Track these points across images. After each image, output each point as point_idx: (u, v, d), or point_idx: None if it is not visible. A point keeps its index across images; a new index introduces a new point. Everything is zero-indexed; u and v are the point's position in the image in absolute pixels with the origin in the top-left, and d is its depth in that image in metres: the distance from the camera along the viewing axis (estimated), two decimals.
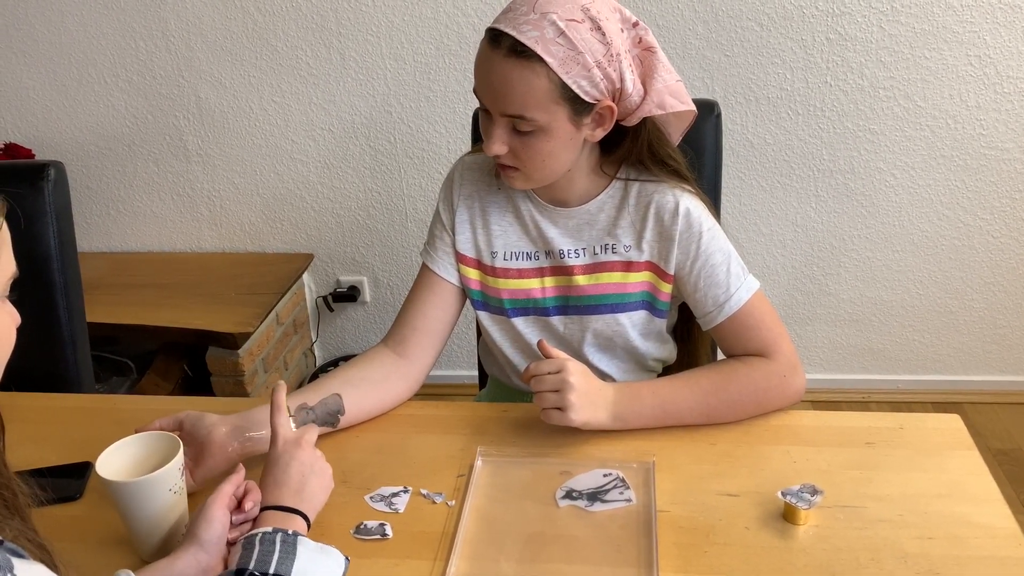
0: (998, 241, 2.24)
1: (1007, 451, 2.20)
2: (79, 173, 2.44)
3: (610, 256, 1.16)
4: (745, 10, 2.05)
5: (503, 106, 1.01)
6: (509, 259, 1.19)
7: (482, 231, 1.20)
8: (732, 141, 2.17)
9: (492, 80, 1.00)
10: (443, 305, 1.22)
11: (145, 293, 2.29)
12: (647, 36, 1.03)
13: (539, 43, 0.96)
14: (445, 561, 0.90)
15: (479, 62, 1.02)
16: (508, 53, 0.98)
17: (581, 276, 1.17)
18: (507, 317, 1.21)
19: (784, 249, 2.31)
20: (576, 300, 1.18)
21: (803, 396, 1.11)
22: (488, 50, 1.00)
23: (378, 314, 2.56)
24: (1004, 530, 0.91)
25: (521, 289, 1.19)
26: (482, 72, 1.02)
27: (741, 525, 0.93)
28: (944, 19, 2.01)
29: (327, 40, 2.21)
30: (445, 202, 1.23)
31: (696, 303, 1.14)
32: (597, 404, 1.04)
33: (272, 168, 2.38)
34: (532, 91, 0.99)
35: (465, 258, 1.21)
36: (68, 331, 1.38)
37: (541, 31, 0.96)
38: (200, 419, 1.03)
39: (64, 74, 2.34)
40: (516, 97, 0.99)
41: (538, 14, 0.97)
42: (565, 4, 0.97)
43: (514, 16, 0.98)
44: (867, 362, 2.44)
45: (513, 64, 0.98)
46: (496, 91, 1.01)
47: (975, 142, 2.13)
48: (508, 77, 0.99)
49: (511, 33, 0.97)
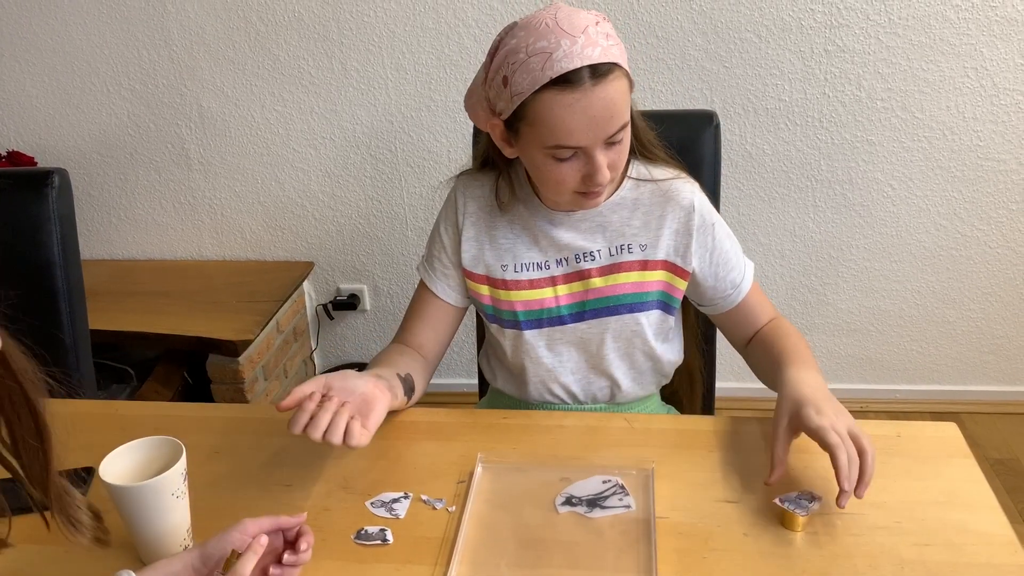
0: (995, 252, 2.25)
1: (1004, 461, 2.20)
2: (81, 181, 2.45)
3: (626, 256, 1.16)
4: (743, 22, 2.06)
5: (608, 128, 1.01)
6: (520, 271, 1.19)
7: (489, 247, 1.20)
8: (730, 152, 2.18)
9: (592, 113, 0.99)
10: (440, 321, 1.24)
11: (146, 300, 2.29)
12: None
13: (606, 53, 0.98)
14: (445, 567, 0.90)
15: (563, 110, 0.99)
16: (594, 81, 0.98)
17: (598, 278, 1.17)
18: (520, 330, 1.20)
19: (782, 259, 2.32)
20: (594, 303, 1.18)
21: None
22: (569, 94, 0.98)
23: (378, 322, 2.57)
24: (1000, 537, 0.91)
25: (535, 300, 1.19)
26: (575, 116, 0.99)
27: (740, 532, 0.94)
28: (941, 31, 2.02)
29: (329, 50, 2.22)
30: (447, 221, 1.22)
31: (715, 290, 1.19)
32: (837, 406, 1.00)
33: (273, 176, 2.39)
34: (624, 97, 1.01)
35: (474, 275, 1.21)
36: (71, 337, 1.39)
37: (597, 44, 0.98)
38: (346, 378, 1.01)
39: (67, 82, 2.35)
40: (618, 111, 1.01)
41: (580, 35, 0.97)
42: (579, 14, 1.00)
43: (563, 53, 0.97)
44: (865, 372, 2.45)
45: (604, 86, 0.98)
46: (599, 119, 1.00)
47: (972, 153, 2.14)
48: (607, 99, 0.99)
49: (592, 63, 0.97)
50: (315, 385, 0.97)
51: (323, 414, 0.93)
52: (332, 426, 0.92)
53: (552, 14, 0.99)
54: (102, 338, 2.09)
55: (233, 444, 1.13)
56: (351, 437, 0.93)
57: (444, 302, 1.23)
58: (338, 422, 0.93)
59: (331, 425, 0.92)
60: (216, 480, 1.06)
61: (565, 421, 1.15)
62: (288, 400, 0.95)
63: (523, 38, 0.99)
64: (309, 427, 0.92)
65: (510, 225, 1.19)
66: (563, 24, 0.98)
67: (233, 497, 1.03)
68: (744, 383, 2.50)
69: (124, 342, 2.27)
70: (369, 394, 1.00)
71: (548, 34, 0.98)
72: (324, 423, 0.92)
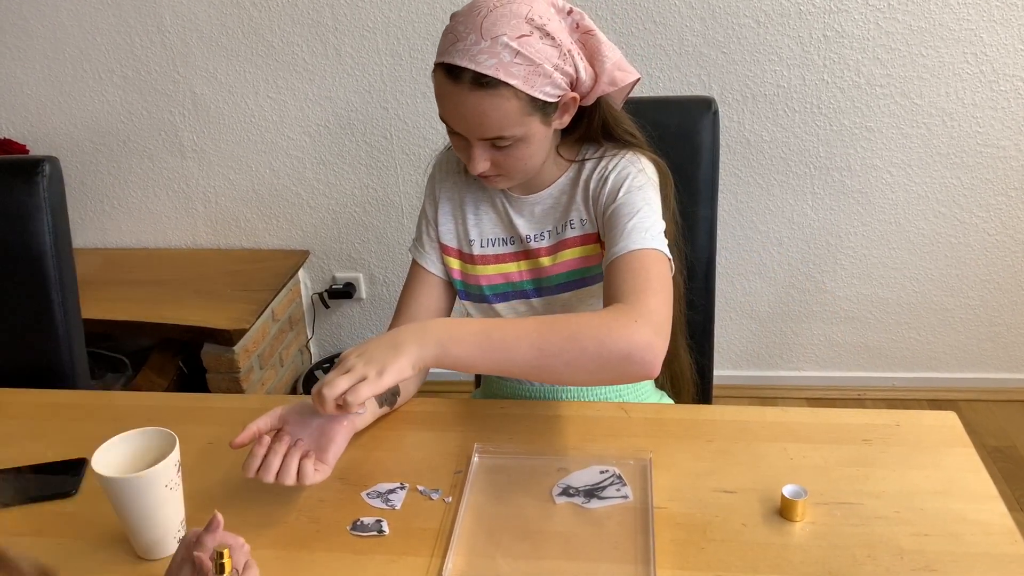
0: (994, 239, 2.24)
1: (1003, 448, 2.20)
2: (74, 169, 2.43)
3: (569, 233, 1.17)
4: (742, 7, 2.05)
5: (480, 133, 1.02)
6: (486, 246, 1.21)
7: (460, 221, 1.23)
8: (729, 138, 2.17)
9: (463, 112, 1.01)
10: (435, 298, 1.24)
11: (140, 289, 2.28)
12: (583, 20, 1.05)
13: (500, 69, 0.96)
14: (442, 558, 0.90)
15: (443, 95, 1.02)
16: (473, 86, 0.98)
17: (546, 258, 1.19)
18: (489, 304, 1.22)
19: (780, 247, 2.31)
20: (547, 281, 1.20)
21: (657, 358, 0.93)
22: (450, 84, 0.99)
23: (374, 311, 2.56)
24: (999, 527, 0.91)
25: (499, 274, 1.21)
26: (450, 105, 1.02)
27: (738, 522, 0.93)
28: (941, 16, 2.01)
29: (323, 36, 2.20)
30: (429, 197, 1.26)
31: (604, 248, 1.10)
32: (399, 345, 0.92)
33: (268, 164, 2.38)
34: (506, 114, 1.00)
35: (448, 248, 1.23)
36: (63, 327, 1.38)
37: (497, 57, 0.96)
38: (302, 406, 0.99)
39: (59, 69, 2.33)
40: (492, 123, 1.00)
41: (488, 40, 0.96)
42: (510, 21, 0.97)
43: (465, 47, 0.97)
44: (863, 359, 2.45)
45: (481, 96, 0.98)
46: (469, 121, 1.01)
47: (971, 139, 2.13)
48: (479, 108, 0.99)
49: (470, 67, 0.97)
50: (269, 420, 0.98)
51: (273, 458, 0.93)
52: (284, 468, 0.93)
53: (493, 5, 0.98)
54: (96, 327, 2.09)
55: (228, 435, 1.12)
56: (304, 477, 0.93)
57: (437, 277, 1.24)
58: (289, 464, 0.93)
59: (283, 467, 0.93)
60: (210, 471, 1.05)
61: (562, 411, 1.14)
62: (241, 437, 0.95)
63: (462, 11, 1.01)
64: (260, 471, 0.93)
65: (478, 201, 1.22)
66: (486, 20, 0.97)
67: (227, 488, 1.02)
68: (741, 371, 2.50)
69: (119, 331, 2.26)
70: (326, 426, 0.99)
71: (471, 21, 0.98)
72: (275, 466, 0.93)
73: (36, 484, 1.01)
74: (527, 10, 0.98)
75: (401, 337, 0.93)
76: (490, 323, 0.96)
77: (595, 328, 0.93)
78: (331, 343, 2.64)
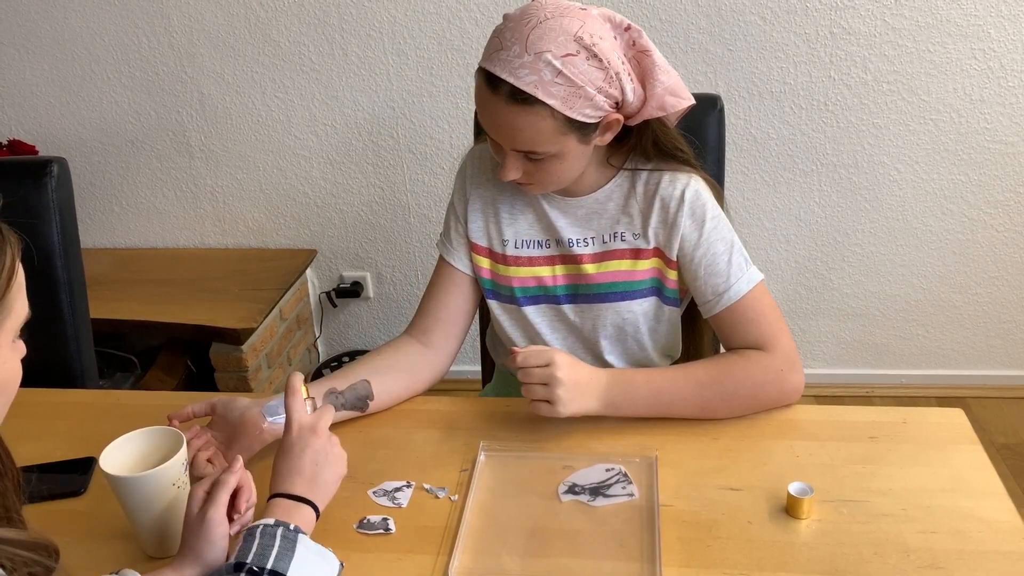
0: (1002, 235, 2.23)
1: (1011, 446, 2.19)
2: (82, 169, 2.44)
3: (618, 244, 1.16)
4: (748, 4, 2.04)
5: (512, 144, 1.02)
6: (520, 247, 1.19)
7: (493, 220, 1.20)
8: (735, 135, 2.17)
9: (498, 123, 1.01)
10: (462, 295, 1.23)
11: (148, 289, 2.29)
12: (640, 39, 1.02)
13: (539, 87, 0.95)
14: (448, 555, 0.90)
15: (481, 100, 1.01)
16: (509, 100, 0.97)
17: (590, 265, 1.17)
18: (518, 306, 1.21)
19: (787, 244, 2.30)
20: (586, 289, 1.18)
21: (801, 394, 1.10)
22: (487, 92, 0.99)
23: (381, 310, 2.56)
24: (1007, 524, 0.91)
25: (532, 276, 1.20)
26: (486, 112, 1.01)
27: (744, 519, 0.93)
28: (948, 12, 2.00)
29: (330, 36, 2.20)
30: (459, 192, 1.23)
31: (697, 291, 1.14)
32: (588, 393, 1.04)
33: (275, 164, 2.39)
34: (539, 132, 0.99)
35: (477, 247, 1.21)
36: (72, 327, 1.39)
37: (538, 74, 0.95)
38: (232, 402, 1.05)
39: (67, 70, 2.34)
40: (525, 137, 1.00)
41: (532, 55, 0.95)
42: (557, 37, 0.95)
43: (507, 58, 0.96)
44: (870, 357, 2.44)
45: (517, 110, 0.98)
46: (503, 132, 1.01)
47: (979, 136, 2.12)
48: (514, 122, 0.99)
49: (508, 80, 0.96)
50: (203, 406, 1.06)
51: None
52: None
53: (544, 16, 0.97)
54: (105, 327, 2.09)
55: None
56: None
57: (463, 273, 1.22)
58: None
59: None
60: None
61: None
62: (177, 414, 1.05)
63: (514, 15, 0.99)
64: None
65: (514, 200, 1.19)
66: (533, 32, 0.96)
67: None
68: None
69: (127, 331, 2.27)
70: (239, 427, 1.03)
71: (519, 30, 0.97)
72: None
73: (45, 483, 1.02)
74: (578, 26, 0.96)
75: (593, 387, 1.05)
76: (657, 384, 1.08)
77: (750, 386, 1.08)
78: (339, 342, 2.64)
